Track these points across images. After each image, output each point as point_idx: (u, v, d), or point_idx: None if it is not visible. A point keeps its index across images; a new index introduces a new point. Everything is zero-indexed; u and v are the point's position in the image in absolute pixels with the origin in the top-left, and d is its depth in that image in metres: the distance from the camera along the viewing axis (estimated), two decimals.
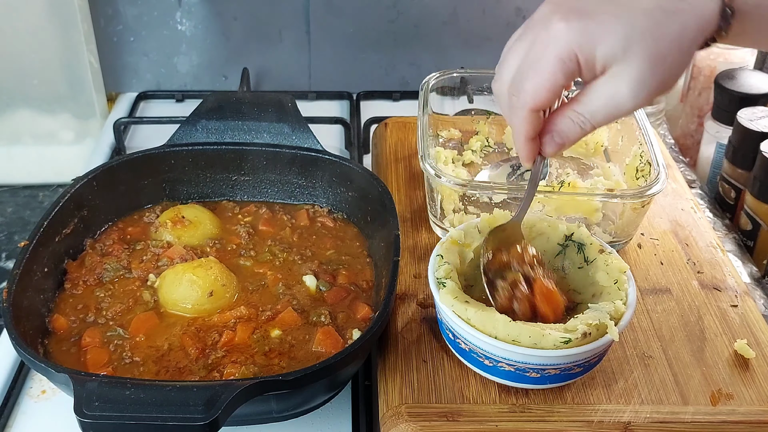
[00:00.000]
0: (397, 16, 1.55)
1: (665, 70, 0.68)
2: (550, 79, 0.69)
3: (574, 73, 0.69)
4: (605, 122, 0.73)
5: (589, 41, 0.67)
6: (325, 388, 0.84)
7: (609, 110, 0.71)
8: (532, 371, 0.80)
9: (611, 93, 0.69)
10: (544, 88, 0.70)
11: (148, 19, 1.52)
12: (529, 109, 0.72)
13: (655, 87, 0.69)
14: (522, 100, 0.72)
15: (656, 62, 0.67)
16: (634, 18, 0.67)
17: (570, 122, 0.73)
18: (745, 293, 0.99)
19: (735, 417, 0.83)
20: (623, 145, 1.14)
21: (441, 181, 1.00)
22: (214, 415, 0.68)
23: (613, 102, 0.70)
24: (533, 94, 0.71)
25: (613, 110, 0.71)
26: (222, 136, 1.11)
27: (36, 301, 0.90)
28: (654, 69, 0.67)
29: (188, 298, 0.93)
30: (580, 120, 0.72)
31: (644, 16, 0.67)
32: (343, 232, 1.09)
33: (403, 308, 0.95)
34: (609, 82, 0.69)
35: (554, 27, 0.68)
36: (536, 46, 0.70)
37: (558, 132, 0.74)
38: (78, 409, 0.69)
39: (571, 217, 1.03)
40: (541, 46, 0.69)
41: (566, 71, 0.69)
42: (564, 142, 0.75)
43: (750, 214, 1.19)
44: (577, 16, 0.68)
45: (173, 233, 1.04)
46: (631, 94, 0.68)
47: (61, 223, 0.97)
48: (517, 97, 0.72)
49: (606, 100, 0.70)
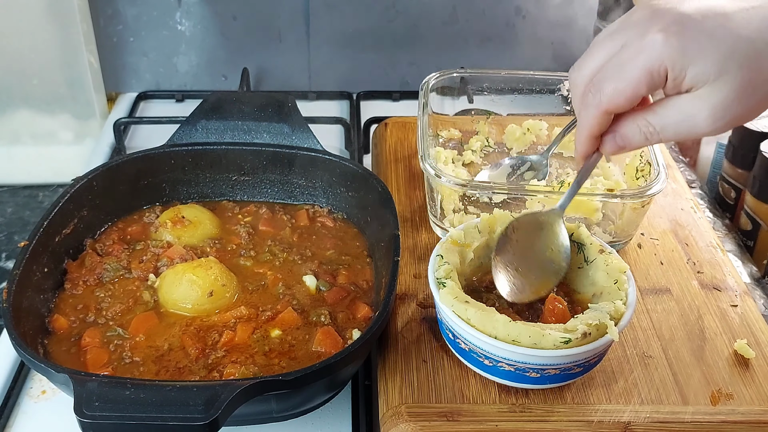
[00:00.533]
0: (397, 16, 1.55)
1: (752, 103, 0.66)
2: (632, 88, 0.68)
3: (658, 86, 0.68)
4: (673, 139, 0.71)
5: (684, 59, 0.65)
6: (325, 388, 0.84)
7: (682, 129, 0.69)
8: (532, 371, 0.80)
9: (690, 113, 0.67)
10: (624, 95, 0.68)
11: (148, 19, 1.52)
12: (603, 111, 0.70)
13: (737, 117, 0.67)
14: (597, 99, 0.70)
15: (746, 93, 0.66)
16: (736, 43, 0.65)
17: (637, 129, 0.71)
18: (745, 293, 0.99)
19: (735, 417, 0.83)
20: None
21: (441, 181, 1.00)
22: (214, 415, 0.68)
23: (689, 122, 0.68)
24: (611, 97, 0.69)
25: (686, 130, 0.69)
26: (222, 136, 1.11)
27: (36, 301, 0.90)
28: (741, 99, 0.66)
29: (188, 297, 0.93)
30: (648, 130, 0.71)
31: (746, 44, 0.65)
32: (343, 232, 1.09)
33: (403, 308, 0.95)
34: (691, 102, 0.67)
35: (651, 37, 0.66)
36: (627, 50, 0.68)
37: (622, 135, 0.73)
38: (78, 409, 0.69)
39: (571, 217, 1.03)
40: (633, 52, 0.67)
41: (651, 84, 0.67)
42: (625, 146, 0.74)
43: (750, 214, 1.19)
44: (676, 31, 0.65)
45: (173, 233, 1.04)
46: (711, 119, 0.67)
47: (61, 223, 0.97)
48: (594, 95, 0.70)
49: (682, 118, 0.68)
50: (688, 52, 0.65)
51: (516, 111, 1.24)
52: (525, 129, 1.20)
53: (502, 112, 1.24)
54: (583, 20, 1.57)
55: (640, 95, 0.69)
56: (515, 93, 1.22)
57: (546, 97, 1.22)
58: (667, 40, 0.65)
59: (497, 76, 1.22)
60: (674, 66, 0.66)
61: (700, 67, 0.65)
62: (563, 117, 1.21)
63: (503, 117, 1.24)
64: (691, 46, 0.65)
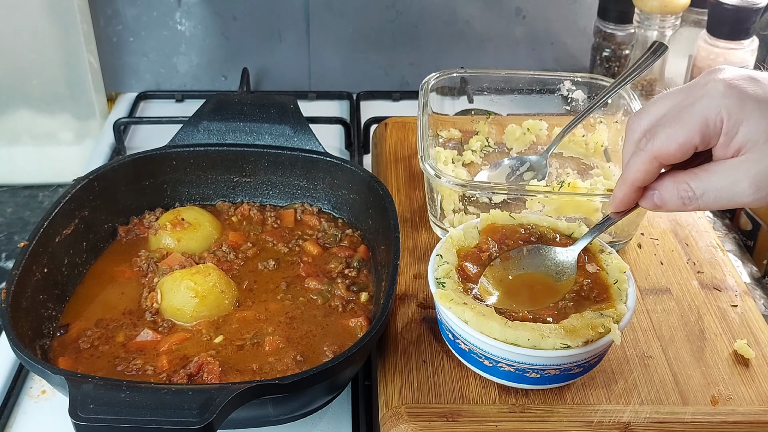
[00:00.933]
0: (397, 16, 1.55)
1: None
2: (686, 135, 0.66)
3: (711, 138, 0.66)
4: (713, 207, 0.70)
5: (739, 113, 0.65)
6: (324, 391, 0.83)
7: (722, 196, 0.67)
8: (532, 372, 0.80)
9: (734, 178, 0.66)
10: (676, 141, 0.67)
11: (148, 19, 1.52)
12: (652, 156, 0.69)
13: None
14: (650, 144, 0.69)
15: None
16: None
17: (676, 192, 0.70)
18: (745, 293, 0.99)
19: (735, 417, 0.83)
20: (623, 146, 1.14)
21: (441, 181, 1.00)
22: (209, 419, 0.68)
23: (731, 189, 0.67)
24: (663, 143, 0.68)
25: (727, 198, 0.67)
26: (223, 137, 1.11)
27: (35, 301, 0.90)
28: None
29: (186, 304, 0.93)
30: (687, 195, 0.69)
31: None
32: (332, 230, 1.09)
33: (403, 308, 0.95)
34: (736, 167, 0.66)
35: (714, 85, 0.66)
36: (689, 98, 0.68)
37: (660, 196, 0.71)
38: (73, 411, 0.68)
39: (571, 217, 1.03)
40: (693, 99, 0.67)
41: (705, 133, 0.66)
42: (661, 207, 0.72)
43: (750, 214, 1.19)
44: (739, 85, 0.65)
45: (173, 236, 1.04)
46: (754, 187, 0.65)
47: (62, 223, 0.97)
48: (647, 140, 0.69)
49: (724, 185, 0.67)
50: (746, 106, 0.65)
51: (516, 111, 1.24)
52: (525, 129, 1.20)
53: (502, 112, 1.24)
54: (583, 20, 1.57)
55: (693, 145, 0.67)
56: (515, 93, 1.22)
57: (546, 97, 1.22)
58: (727, 90, 0.65)
59: (497, 76, 1.22)
60: (729, 117, 0.65)
61: (753, 127, 0.64)
62: (563, 117, 1.21)
63: (503, 117, 1.24)
64: (749, 102, 0.65)
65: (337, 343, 0.90)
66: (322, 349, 0.89)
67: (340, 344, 0.90)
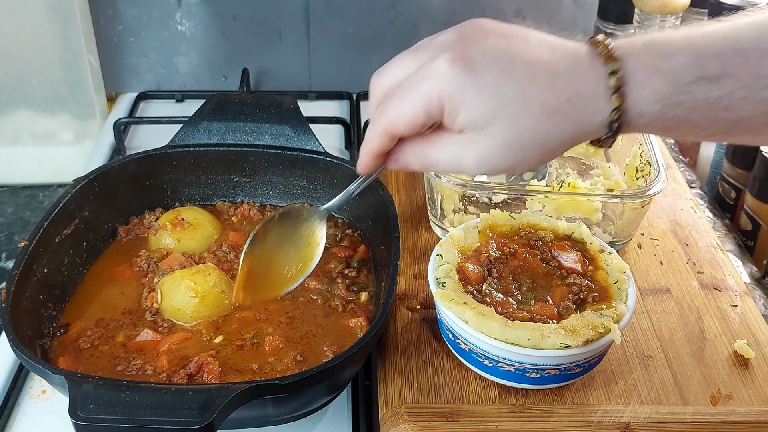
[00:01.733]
0: (397, 17, 1.55)
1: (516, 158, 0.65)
2: (412, 113, 0.66)
3: (436, 118, 0.66)
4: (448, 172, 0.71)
5: (458, 99, 0.63)
6: (323, 391, 0.83)
7: (451, 167, 0.69)
8: (532, 371, 0.80)
9: (458, 155, 0.66)
10: (403, 119, 0.67)
11: (148, 19, 1.52)
12: (383, 131, 0.69)
13: (501, 169, 0.66)
14: (381, 119, 0.68)
15: (510, 149, 0.64)
16: (512, 99, 0.63)
17: (415, 157, 0.70)
18: (745, 293, 0.99)
19: (735, 417, 0.83)
20: (623, 145, 1.14)
21: (441, 181, 1.00)
22: (209, 418, 0.68)
23: (456, 164, 0.67)
24: (392, 119, 0.67)
25: (455, 169, 0.69)
26: (224, 137, 1.11)
27: (35, 301, 0.90)
28: (504, 154, 0.64)
29: (186, 304, 0.93)
30: (423, 162, 0.70)
31: (522, 103, 0.63)
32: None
33: (403, 308, 0.95)
34: (459, 144, 0.66)
35: (438, 65, 0.64)
36: (417, 74, 0.66)
37: (402, 160, 0.72)
38: (72, 411, 0.68)
39: (571, 217, 1.03)
40: (420, 77, 0.65)
41: (429, 113, 0.65)
42: (406, 168, 0.73)
43: (750, 214, 1.19)
44: (461, 68, 0.63)
45: (173, 236, 1.04)
46: (475, 164, 0.66)
47: (62, 223, 0.97)
48: (380, 113, 0.69)
49: (451, 158, 0.67)
50: (464, 93, 0.63)
51: None
52: None
53: None
54: (583, 20, 1.57)
55: (420, 123, 0.66)
56: None
57: None
58: (449, 72, 0.63)
59: None
60: (450, 101, 0.64)
61: (470, 112, 0.63)
62: None
63: None
64: (467, 88, 0.63)
65: (337, 343, 0.90)
66: (322, 349, 0.89)
67: (340, 344, 0.90)
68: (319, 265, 1.01)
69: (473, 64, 0.64)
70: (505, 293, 0.84)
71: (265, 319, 0.94)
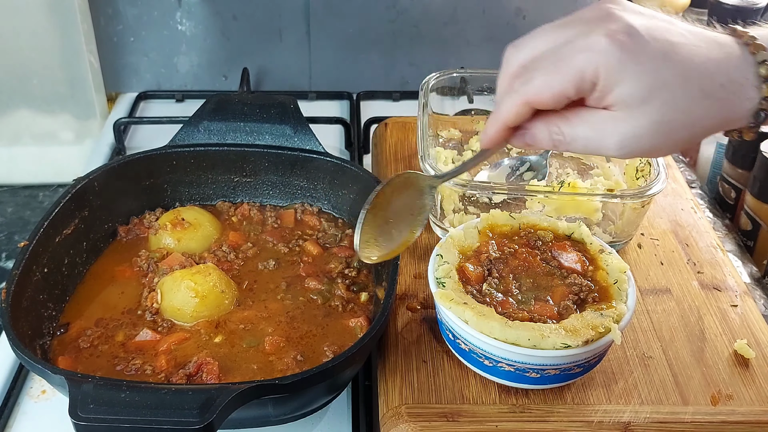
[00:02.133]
0: (397, 16, 1.55)
1: (663, 142, 0.65)
2: (561, 86, 0.65)
3: (586, 92, 0.65)
4: (582, 152, 0.69)
5: (616, 74, 0.62)
6: (324, 391, 0.83)
7: (590, 146, 0.67)
8: (532, 371, 0.80)
9: (600, 134, 0.65)
10: (550, 91, 0.65)
11: (148, 19, 1.52)
12: (525, 100, 0.67)
13: (645, 151, 0.66)
14: (523, 89, 0.67)
15: (660, 131, 0.64)
16: (670, 79, 0.63)
17: (547, 133, 0.69)
18: (745, 293, 0.99)
19: (735, 417, 0.83)
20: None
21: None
22: (209, 419, 0.68)
23: (598, 142, 0.66)
24: (537, 90, 0.66)
25: (594, 148, 0.67)
26: (224, 137, 1.11)
27: (35, 301, 0.90)
28: (654, 136, 0.64)
29: (186, 304, 0.93)
30: (558, 138, 0.68)
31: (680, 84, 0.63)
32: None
33: (403, 308, 0.95)
34: (604, 121, 0.65)
35: (595, 38, 0.63)
36: (569, 47, 0.65)
37: (532, 134, 0.70)
38: (72, 411, 0.68)
39: (571, 217, 1.03)
40: (572, 49, 0.64)
41: (579, 87, 0.64)
42: (533, 145, 0.71)
43: (750, 214, 1.19)
44: (622, 42, 0.63)
45: (173, 236, 1.04)
46: (618, 145, 0.65)
47: (62, 223, 0.97)
48: (522, 83, 0.67)
49: (593, 135, 0.66)
50: (625, 68, 0.62)
51: None
52: None
53: None
54: None
55: (567, 97, 0.65)
56: None
57: None
58: (609, 47, 0.63)
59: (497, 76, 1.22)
60: (607, 76, 0.63)
61: (627, 89, 0.63)
62: None
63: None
64: (629, 63, 0.62)
65: (337, 343, 0.90)
66: (322, 349, 0.89)
67: (340, 344, 0.90)
68: (319, 265, 1.02)
69: (633, 40, 0.63)
70: (505, 293, 0.84)
71: (265, 318, 0.94)
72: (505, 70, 0.70)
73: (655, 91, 0.63)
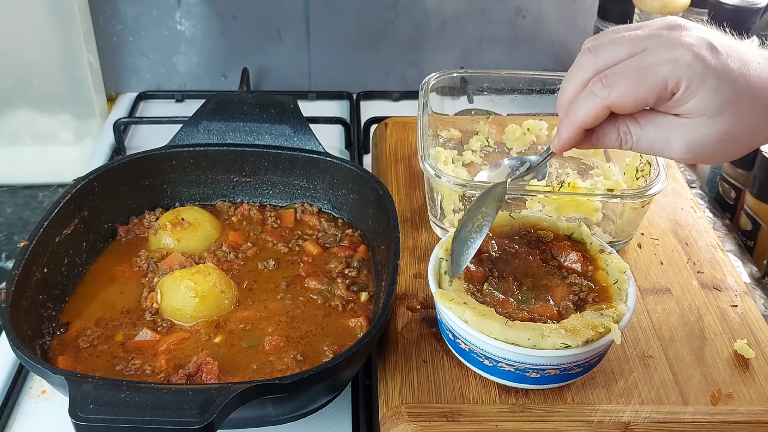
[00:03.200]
0: (397, 16, 1.55)
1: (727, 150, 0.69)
2: (643, 94, 0.68)
3: (665, 100, 0.68)
4: (645, 152, 0.73)
5: (696, 86, 0.66)
6: (324, 391, 0.83)
7: (654, 147, 0.71)
8: (532, 371, 0.80)
9: (668, 138, 0.69)
10: (634, 97, 0.69)
11: (148, 19, 1.52)
12: (606, 105, 0.70)
13: (707, 158, 0.70)
14: (605, 93, 0.70)
15: (727, 140, 0.68)
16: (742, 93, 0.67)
17: (616, 135, 0.72)
18: (745, 293, 0.99)
19: (735, 417, 0.83)
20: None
21: (441, 181, 1.00)
22: (209, 419, 0.68)
23: (664, 144, 0.70)
24: (621, 95, 0.69)
25: (657, 150, 0.71)
26: (223, 137, 1.11)
27: (35, 301, 0.90)
28: (720, 144, 0.68)
29: (186, 304, 0.93)
30: (626, 138, 0.72)
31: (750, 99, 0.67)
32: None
33: (403, 308, 0.95)
34: (672, 127, 0.69)
35: (681, 52, 0.67)
36: (653, 55, 0.68)
37: (600, 136, 0.73)
38: (72, 411, 0.68)
39: (571, 217, 1.03)
40: (658, 60, 0.68)
41: (660, 96, 0.68)
42: (599, 146, 0.75)
43: (750, 214, 1.19)
44: (706, 58, 0.67)
45: (173, 236, 1.04)
46: (684, 149, 0.69)
47: (62, 223, 0.97)
48: (605, 86, 0.70)
49: (659, 138, 0.70)
50: (706, 80, 0.66)
51: (516, 111, 1.24)
52: (525, 129, 1.20)
53: (502, 112, 1.24)
54: (583, 20, 1.57)
55: (647, 103, 0.69)
56: (515, 93, 1.22)
57: (546, 97, 1.22)
58: (694, 62, 0.66)
59: (497, 76, 1.22)
60: (688, 87, 0.67)
61: (704, 101, 0.67)
62: None
63: (503, 117, 1.24)
64: (710, 77, 0.66)
65: (337, 343, 0.90)
66: (322, 349, 0.89)
67: (340, 344, 0.90)
68: (319, 265, 1.02)
69: (714, 55, 0.67)
70: (506, 293, 0.84)
71: (265, 318, 0.94)
72: (579, 74, 0.73)
73: (726, 104, 0.67)
